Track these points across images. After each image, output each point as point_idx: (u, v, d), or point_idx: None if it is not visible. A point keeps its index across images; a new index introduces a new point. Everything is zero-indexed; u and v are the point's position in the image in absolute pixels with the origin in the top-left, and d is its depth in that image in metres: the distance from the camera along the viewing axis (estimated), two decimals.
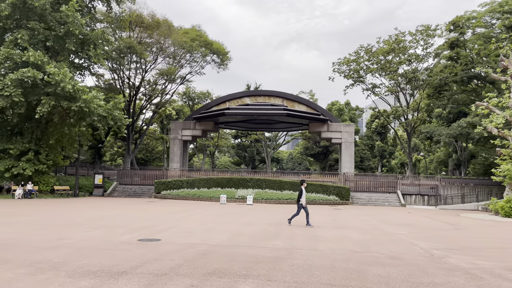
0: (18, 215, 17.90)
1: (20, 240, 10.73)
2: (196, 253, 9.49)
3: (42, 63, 28.17)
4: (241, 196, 29.22)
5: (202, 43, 41.94)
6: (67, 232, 12.47)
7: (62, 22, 30.37)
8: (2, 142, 30.71)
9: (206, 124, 40.49)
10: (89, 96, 28.59)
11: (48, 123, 31.67)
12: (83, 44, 31.75)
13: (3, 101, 27.32)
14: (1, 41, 30.51)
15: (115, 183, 35.48)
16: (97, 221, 15.73)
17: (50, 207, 22.86)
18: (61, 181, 34.28)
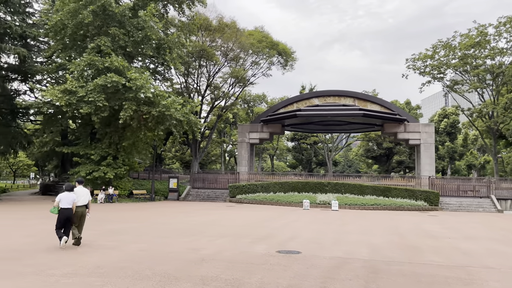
0: (117, 221, 17.74)
1: (154, 251, 10.18)
2: (365, 270, 8.48)
3: (123, 69, 28.47)
4: (323, 201, 28.02)
5: (268, 44, 41.26)
6: (190, 242, 11.87)
7: (139, 28, 30.64)
8: (84, 148, 31.43)
9: (273, 126, 39.68)
10: (169, 101, 28.56)
11: (125, 128, 32.05)
12: (159, 48, 31.92)
13: (87, 107, 27.79)
14: (82, 48, 31.22)
15: (188, 187, 35.41)
16: (206, 228, 15.15)
17: (139, 211, 22.82)
18: (136, 185, 34.69)
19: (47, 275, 7.52)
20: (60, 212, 10.06)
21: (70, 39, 31.03)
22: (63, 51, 31.02)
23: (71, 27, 29.89)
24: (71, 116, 31.71)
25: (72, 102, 27.82)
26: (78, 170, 31.04)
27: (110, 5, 28.90)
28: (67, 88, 27.83)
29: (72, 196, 10.27)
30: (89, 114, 28.86)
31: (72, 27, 29.87)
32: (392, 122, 36.47)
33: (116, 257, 9.32)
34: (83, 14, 28.71)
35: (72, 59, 30.52)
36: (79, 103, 28.06)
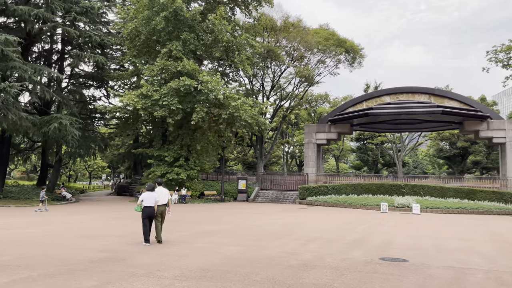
0: (202, 222, 17.82)
1: (251, 254, 9.86)
2: (493, 283, 7.53)
3: (194, 72, 29.00)
4: (401, 204, 26.52)
5: (336, 41, 40.19)
6: (282, 245, 11.46)
7: (208, 31, 31.10)
8: (158, 150, 32.45)
9: (342, 126, 38.49)
10: (239, 103, 28.64)
11: (195, 130, 32.65)
12: (227, 51, 32.19)
13: (162, 110, 28.60)
14: (155, 53, 32.27)
15: (257, 189, 35.36)
16: (291, 231, 14.70)
17: (216, 212, 22.96)
18: (206, 187, 35.23)
19: (159, 277, 7.44)
20: (143, 210, 10.84)
21: (143, 45, 32.22)
22: (137, 57, 32.27)
23: (145, 34, 31.03)
24: (144, 120, 32.86)
25: (147, 105, 28.82)
26: (153, 171, 32.09)
27: (182, 10, 29.58)
28: (143, 93, 28.87)
29: (153, 195, 10.96)
30: (163, 117, 29.71)
31: (146, 33, 31.00)
32: (473, 119, 33.83)
33: (217, 259, 9.14)
34: (156, 20, 29.65)
35: (147, 64, 31.66)
36: (154, 107, 29.01)
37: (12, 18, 28.10)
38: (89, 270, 7.81)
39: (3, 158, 32.69)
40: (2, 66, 24.30)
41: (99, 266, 8.22)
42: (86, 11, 30.00)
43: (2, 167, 32.49)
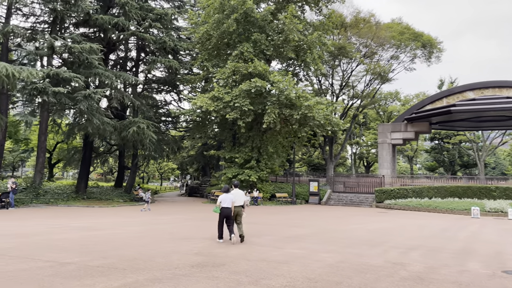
0: (285, 224, 17.29)
1: (352, 263, 9.06)
2: None
3: (265, 73, 28.70)
4: (494, 209, 24.13)
5: (411, 35, 37.99)
6: (381, 253, 10.50)
7: (279, 31, 30.67)
8: (229, 152, 32.61)
9: (419, 125, 36.22)
10: (311, 102, 27.87)
11: (265, 132, 32.37)
12: (298, 50, 31.56)
13: (233, 113, 28.62)
14: (225, 56, 32.50)
15: (329, 191, 34.28)
16: (384, 237, 13.63)
17: (292, 215, 22.36)
18: (276, 188, 34.81)
19: (267, 286, 6.93)
20: (221, 211, 11.38)
21: (214, 49, 32.57)
22: (208, 61, 32.69)
23: (216, 37, 31.32)
24: (215, 122, 33.19)
25: (219, 108, 29.00)
26: (224, 173, 32.27)
27: (252, 11, 29.45)
28: (215, 95, 29.11)
29: (230, 196, 11.52)
30: (234, 119, 29.74)
31: (217, 36, 31.29)
32: None
33: (318, 268, 8.48)
34: (227, 23, 29.78)
35: (217, 68, 31.97)
36: (226, 109, 29.13)
37: (93, 28, 29.63)
38: (193, 276, 7.52)
39: (86, 161, 34.70)
40: (86, 73, 25.67)
41: (201, 271, 7.92)
42: (160, 17, 30.93)
43: (85, 169, 34.48)
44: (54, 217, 19.10)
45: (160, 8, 32.69)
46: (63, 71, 23.34)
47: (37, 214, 21.06)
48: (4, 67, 20.71)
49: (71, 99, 24.62)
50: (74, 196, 31.16)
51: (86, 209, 25.90)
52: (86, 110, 24.74)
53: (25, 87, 22.54)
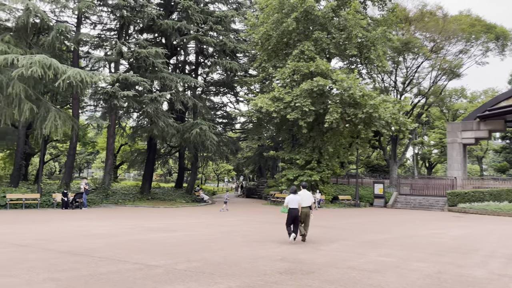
0: (359, 230, 16.50)
1: (454, 276, 8.20)
2: None
3: (327, 71, 27.93)
4: None
5: (483, 28, 35.40)
6: (479, 264, 9.49)
7: (341, 28, 29.77)
8: (289, 153, 32.15)
9: (493, 123, 33.60)
10: (377, 101, 26.70)
11: (326, 132, 31.55)
12: (361, 47, 30.46)
13: (294, 113, 28.12)
14: (284, 55, 32.08)
15: (395, 193, 32.70)
16: (472, 245, 12.49)
17: (360, 219, 21.46)
18: (338, 191, 33.83)
19: None
20: (289, 211, 11.52)
21: (273, 49, 32.28)
22: (267, 61, 32.45)
23: (275, 37, 31.00)
24: (275, 123, 32.83)
25: (280, 108, 28.63)
26: (285, 174, 31.83)
27: (313, 9, 28.81)
28: (275, 96, 28.78)
29: (297, 198, 11.62)
30: (295, 120, 29.22)
31: (276, 36, 30.96)
32: None
33: (417, 279, 7.76)
34: (287, 22, 29.36)
35: (277, 68, 31.65)
36: (286, 109, 28.71)
37: (156, 33, 30.41)
38: (285, 284, 7.12)
39: (150, 162, 35.77)
40: (152, 77, 26.37)
41: (291, 279, 7.51)
42: (220, 20, 31.16)
43: (149, 171, 35.55)
44: (126, 218, 19.65)
45: (219, 11, 33.01)
46: (130, 75, 24.12)
47: (109, 214, 21.83)
48: (78, 73, 21.72)
49: (138, 102, 25.40)
50: (139, 196, 32.20)
51: (153, 209, 26.56)
52: (153, 112, 25.38)
53: (97, 92, 23.59)
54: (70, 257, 8.96)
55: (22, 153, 30.31)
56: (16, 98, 21.72)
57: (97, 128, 24.55)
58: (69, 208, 24.03)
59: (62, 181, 29.65)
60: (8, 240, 11.10)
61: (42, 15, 23.51)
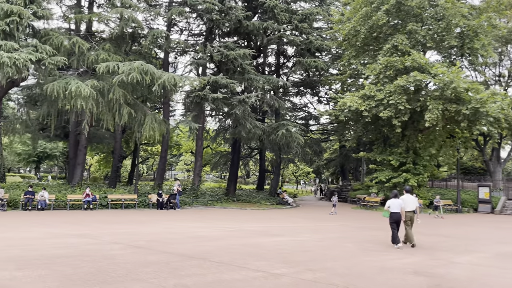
0: (482, 239, 14.61)
1: None
2: None
3: (425, 65, 25.77)
4: None
5: None
6: None
7: (438, 18, 27.40)
8: (381, 154, 30.28)
9: None
10: (484, 95, 24.01)
11: (422, 131, 29.18)
12: (462, 37, 27.77)
13: (387, 111, 26.34)
14: (373, 51, 30.37)
15: (503, 198, 29.35)
16: None
17: (473, 228, 19.24)
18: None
19: None
20: (390, 215, 11.42)
21: (361, 44, 30.71)
22: (355, 58, 30.95)
23: (364, 32, 29.43)
24: (364, 122, 31.14)
25: (371, 106, 27.04)
26: (376, 176, 30.04)
27: (406, 0, 26.85)
28: (366, 93, 27.24)
29: (398, 201, 11.41)
30: (388, 118, 27.39)
31: (365, 31, 29.37)
32: None
33: None
34: (377, 16, 27.69)
35: (366, 65, 30.05)
36: (378, 107, 27.02)
37: (241, 35, 30.39)
38: None
39: (234, 164, 35.97)
40: (239, 78, 26.31)
41: None
42: (305, 18, 30.35)
43: (234, 173, 35.76)
44: (222, 220, 19.58)
45: (302, 9, 32.21)
46: (220, 77, 24.24)
47: (203, 215, 21.99)
48: (172, 77, 22.24)
49: (226, 104, 25.47)
50: (225, 198, 32.42)
51: (241, 211, 26.45)
52: (241, 114, 25.28)
53: (189, 95, 24.06)
54: (188, 260, 8.68)
55: (119, 155, 32.10)
56: (116, 103, 22.80)
57: (190, 131, 24.94)
58: (164, 209, 24.73)
59: (155, 183, 30.85)
60: (122, 241, 11.25)
61: (138, 23, 24.54)
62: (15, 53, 19.10)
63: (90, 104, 21.40)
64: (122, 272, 7.39)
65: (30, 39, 22.60)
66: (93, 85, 21.64)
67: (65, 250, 9.45)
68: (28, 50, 19.92)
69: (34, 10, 21.03)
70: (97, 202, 23.96)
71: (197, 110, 26.29)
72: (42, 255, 8.78)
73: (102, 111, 22.91)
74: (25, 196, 22.14)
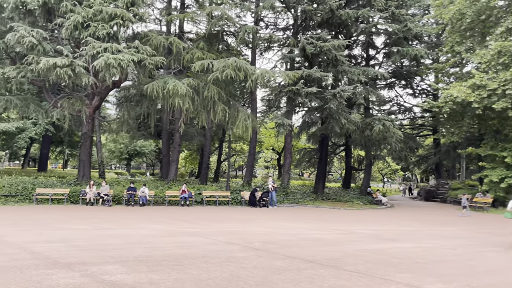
0: None
1: None
2: None
3: None
4: None
5: None
6: None
7: None
8: (492, 149, 27.07)
9: None
10: None
11: None
12: None
13: (502, 102, 23.36)
14: (481, 36, 27.22)
15: None
16: None
17: None
18: None
19: None
20: None
21: (467, 29, 27.71)
22: (460, 44, 28.03)
23: (470, 15, 26.52)
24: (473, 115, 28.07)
25: (482, 97, 24.21)
26: (486, 174, 26.96)
27: None
28: (475, 83, 24.45)
29: None
30: (501, 111, 24.32)
31: (472, 14, 26.45)
32: None
33: None
34: None
35: (471, 51, 27.09)
36: (491, 98, 24.10)
37: (333, 25, 28.94)
38: None
39: (322, 161, 34.74)
40: (332, 71, 25.05)
41: None
42: (402, 3, 28.12)
43: (322, 170, 34.52)
44: (323, 220, 18.64)
45: None
46: (314, 71, 23.22)
47: (300, 214, 21.21)
48: (266, 72, 21.74)
49: (320, 99, 24.38)
50: (313, 196, 31.36)
51: (336, 211, 25.26)
52: (335, 108, 24.04)
53: (281, 90, 23.42)
54: (320, 268, 7.82)
55: (208, 152, 32.59)
56: (210, 101, 22.87)
57: (280, 127, 24.28)
58: (257, 207, 24.38)
59: (244, 180, 30.79)
60: (235, 241, 10.76)
61: (230, 20, 24.43)
62: (119, 55, 19.83)
63: (187, 102, 21.65)
64: (257, 279, 6.75)
65: (129, 42, 23.56)
66: (189, 83, 21.90)
67: (188, 250, 9.14)
68: (130, 51, 20.61)
69: (135, 12, 21.76)
70: (193, 199, 24.33)
71: (289, 105, 25.50)
72: (167, 255, 8.51)
73: (197, 109, 23.14)
74: (128, 192, 23.10)
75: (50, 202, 21.85)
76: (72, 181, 27.57)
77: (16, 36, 19.61)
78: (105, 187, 22.85)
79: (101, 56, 19.29)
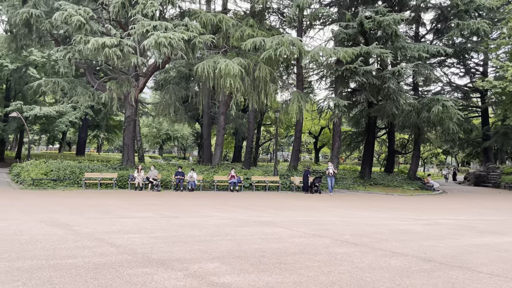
0: None
1: None
2: None
3: None
4: None
5: None
6: None
7: None
8: None
9: None
10: None
11: None
12: None
13: None
14: None
15: None
16: None
17: None
18: None
19: None
20: None
21: None
22: None
23: None
24: None
25: None
26: None
27: None
28: None
29: None
30: None
31: None
32: None
33: None
34: None
35: None
36: None
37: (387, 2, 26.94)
38: None
39: (369, 145, 33.25)
40: (391, 48, 23.30)
41: None
42: None
43: (369, 154, 33.00)
44: (389, 207, 17.44)
45: None
46: (373, 48, 21.59)
47: (359, 201, 20.05)
48: (322, 49, 20.28)
49: (377, 78, 22.76)
50: (361, 181, 29.99)
51: (390, 197, 23.96)
52: (395, 88, 22.40)
53: (337, 69, 21.93)
54: (448, 269, 6.65)
55: (252, 136, 31.58)
56: (262, 81, 21.70)
57: (337, 108, 22.86)
58: (309, 192, 23.30)
59: (290, 164, 29.69)
60: (320, 233, 9.68)
61: None
62: (169, 33, 18.86)
63: (237, 83, 20.57)
64: (389, 285, 5.65)
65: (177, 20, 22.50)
66: (239, 63, 20.77)
67: (279, 244, 8.14)
68: (180, 29, 19.61)
69: None
70: (242, 184, 23.48)
71: (343, 85, 24.02)
72: (261, 250, 7.55)
73: (247, 90, 22.04)
74: (176, 177, 22.47)
75: (99, 186, 21.47)
76: (117, 165, 27.24)
77: (63, 15, 18.92)
78: (154, 172, 22.25)
79: (151, 35, 18.36)
